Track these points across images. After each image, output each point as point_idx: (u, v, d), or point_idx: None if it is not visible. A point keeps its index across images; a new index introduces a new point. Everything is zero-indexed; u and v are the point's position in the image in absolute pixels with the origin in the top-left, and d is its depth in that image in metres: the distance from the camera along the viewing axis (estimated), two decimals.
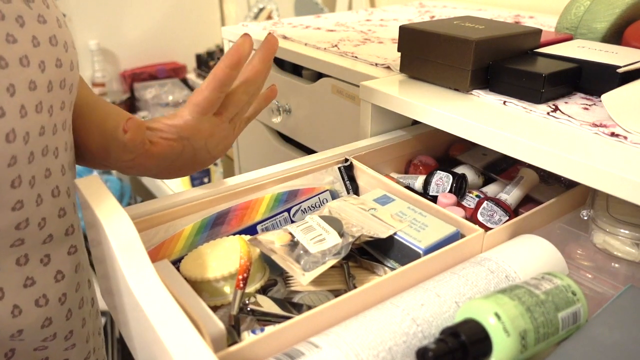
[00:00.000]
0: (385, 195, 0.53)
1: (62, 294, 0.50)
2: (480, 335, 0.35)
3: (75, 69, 0.48)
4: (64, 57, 0.45)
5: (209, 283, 0.43)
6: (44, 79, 0.43)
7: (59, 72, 0.45)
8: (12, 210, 0.43)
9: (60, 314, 0.51)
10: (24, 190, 0.43)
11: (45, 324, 0.49)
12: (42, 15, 0.43)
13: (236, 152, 1.17)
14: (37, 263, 0.47)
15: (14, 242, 0.44)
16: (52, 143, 0.46)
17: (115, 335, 1.71)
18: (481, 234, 0.46)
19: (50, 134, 0.45)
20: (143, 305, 0.33)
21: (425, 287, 0.41)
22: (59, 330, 0.51)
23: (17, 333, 0.47)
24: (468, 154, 0.67)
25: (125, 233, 0.39)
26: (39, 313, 0.48)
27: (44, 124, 0.44)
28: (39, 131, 0.43)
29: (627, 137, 0.45)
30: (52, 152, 0.46)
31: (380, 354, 0.35)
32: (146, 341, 0.36)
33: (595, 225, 0.50)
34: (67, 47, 0.46)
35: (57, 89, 0.45)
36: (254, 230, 0.51)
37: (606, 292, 0.46)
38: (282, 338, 0.36)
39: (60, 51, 0.45)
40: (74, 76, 0.48)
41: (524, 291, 0.37)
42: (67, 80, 0.46)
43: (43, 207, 0.46)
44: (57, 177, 0.47)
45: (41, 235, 0.47)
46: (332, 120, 0.81)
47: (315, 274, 0.42)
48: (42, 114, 0.43)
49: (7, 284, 0.46)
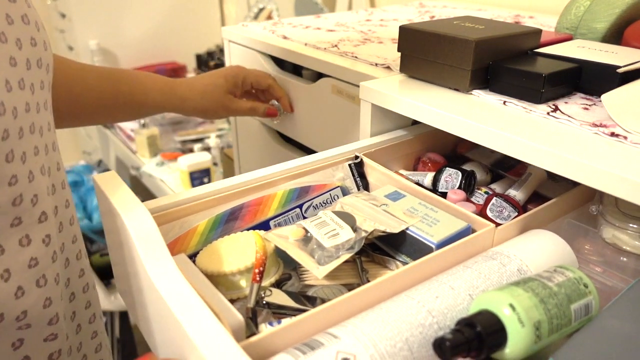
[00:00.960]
0: (396, 192, 0.54)
1: (57, 274, 0.51)
2: (496, 326, 0.36)
3: (48, 49, 0.49)
4: (37, 36, 0.46)
5: (225, 277, 0.43)
6: (22, 56, 0.44)
7: (34, 51, 0.45)
8: (8, 185, 0.44)
9: (57, 293, 0.52)
10: (17, 165, 0.44)
11: (46, 304, 0.50)
12: None
13: (236, 152, 1.17)
14: (40, 244, 0.48)
15: (13, 220, 0.45)
16: (37, 121, 0.46)
17: (116, 335, 1.71)
18: (492, 229, 0.47)
19: (35, 112, 0.46)
20: (166, 299, 0.34)
21: (439, 280, 0.41)
22: (60, 310, 0.52)
23: (22, 315, 0.48)
24: (476, 151, 0.68)
25: (145, 228, 0.39)
26: (39, 293, 0.49)
27: (28, 100, 0.45)
28: (24, 107, 0.44)
29: (627, 137, 0.45)
30: (37, 130, 0.47)
31: (397, 345, 0.35)
32: (168, 333, 0.37)
33: (604, 220, 0.51)
34: (39, 27, 0.47)
35: (34, 67, 0.45)
36: (266, 226, 0.52)
37: (616, 286, 0.46)
38: (300, 330, 0.37)
39: (32, 30, 0.45)
40: (48, 56, 0.48)
41: (537, 283, 0.38)
42: (43, 59, 0.47)
43: (35, 184, 0.47)
44: (43, 155, 0.48)
45: (35, 212, 0.47)
46: (332, 120, 0.82)
47: (330, 267, 0.43)
48: (25, 91, 0.44)
49: (14, 265, 0.46)
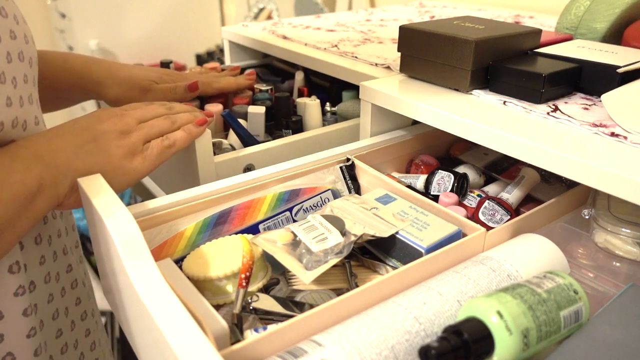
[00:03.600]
0: (387, 195, 0.53)
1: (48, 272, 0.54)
2: (483, 334, 0.35)
3: (30, 42, 0.48)
4: (17, 29, 0.45)
5: (211, 282, 0.43)
6: (1, 49, 0.43)
7: (15, 44, 0.45)
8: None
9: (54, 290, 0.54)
10: None
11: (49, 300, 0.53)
12: None
13: None
14: (47, 242, 0.51)
15: None
16: (20, 115, 0.46)
17: (116, 335, 1.71)
18: (483, 233, 0.46)
19: (18, 106, 0.46)
20: (146, 303, 0.33)
21: (427, 286, 0.41)
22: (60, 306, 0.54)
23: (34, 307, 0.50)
24: (469, 154, 0.67)
25: (128, 231, 0.39)
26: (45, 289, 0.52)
27: (9, 94, 0.44)
28: (5, 102, 0.44)
29: (627, 137, 0.45)
30: (21, 124, 0.46)
31: (383, 352, 0.35)
32: (149, 339, 0.36)
33: (596, 225, 0.50)
34: (18, 20, 0.46)
35: (16, 60, 0.45)
36: (256, 230, 0.51)
37: (608, 291, 0.46)
38: (285, 336, 0.36)
39: (11, 23, 0.45)
40: (30, 49, 0.48)
41: (526, 290, 0.38)
42: (25, 53, 0.46)
43: None
44: None
45: None
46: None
47: (318, 272, 0.42)
48: (6, 85, 0.44)
49: (29, 262, 0.49)
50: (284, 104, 0.73)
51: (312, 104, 0.72)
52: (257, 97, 0.77)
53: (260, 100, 0.76)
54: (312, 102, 0.72)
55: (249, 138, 0.66)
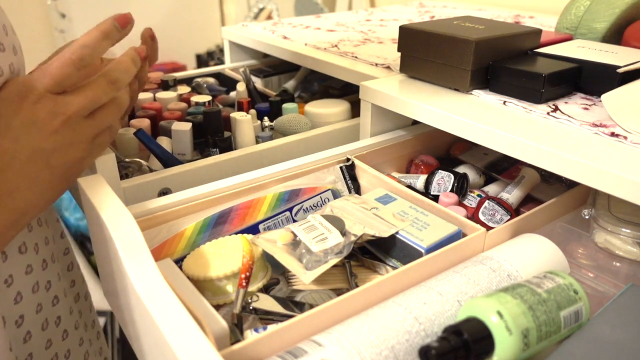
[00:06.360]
0: (387, 195, 0.53)
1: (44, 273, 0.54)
2: (483, 334, 0.35)
3: (19, 53, 0.47)
4: (5, 40, 0.45)
5: (211, 282, 0.43)
6: None
7: (3, 56, 0.44)
8: None
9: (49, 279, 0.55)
10: None
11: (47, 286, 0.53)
12: None
13: None
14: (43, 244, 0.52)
15: None
16: None
17: (116, 335, 1.71)
18: (483, 233, 0.46)
19: None
20: (147, 303, 0.33)
21: (427, 286, 0.41)
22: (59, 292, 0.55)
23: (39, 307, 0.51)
24: (469, 154, 0.67)
25: (128, 231, 0.39)
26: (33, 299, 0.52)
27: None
28: None
29: (627, 137, 0.45)
30: None
31: (383, 352, 0.35)
32: (149, 339, 0.36)
33: (596, 225, 0.50)
34: (7, 32, 0.46)
35: (7, 74, 0.44)
36: (256, 230, 0.51)
37: (608, 291, 0.46)
38: (285, 336, 0.36)
39: (1, 35, 0.44)
40: (19, 61, 0.47)
41: (526, 290, 0.38)
42: (15, 64, 0.46)
43: None
44: None
45: None
46: None
47: (318, 272, 0.42)
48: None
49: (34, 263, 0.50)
50: (214, 119, 0.65)
51: (243, 120, 0.64)
52: (190, 112, 0.71)
53: (192, 115, 0.69)
54: (243, 118, 0.64)
55: (168, 158, 0.59)
